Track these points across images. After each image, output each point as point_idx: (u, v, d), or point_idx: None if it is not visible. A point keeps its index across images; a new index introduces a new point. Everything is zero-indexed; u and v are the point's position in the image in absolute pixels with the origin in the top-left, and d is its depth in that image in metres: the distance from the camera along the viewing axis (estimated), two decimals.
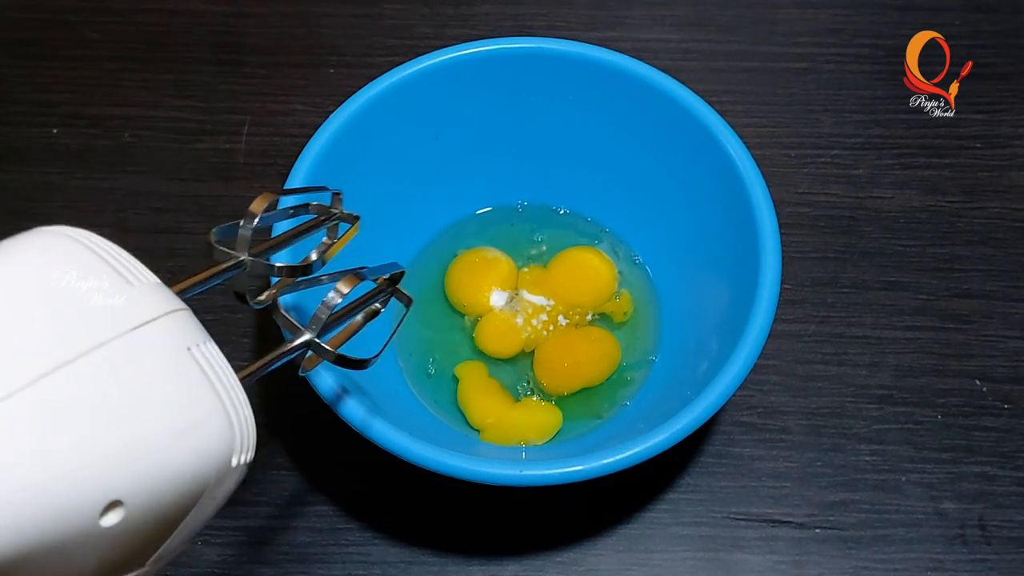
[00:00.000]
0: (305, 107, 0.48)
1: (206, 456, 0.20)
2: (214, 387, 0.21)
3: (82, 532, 0.18)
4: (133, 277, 0.20)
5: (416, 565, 0.37)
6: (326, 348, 0.26)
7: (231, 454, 0.21)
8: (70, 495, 0.18)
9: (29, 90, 0.49)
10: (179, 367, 0.20)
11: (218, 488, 0.21)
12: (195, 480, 0.20)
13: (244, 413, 0.21)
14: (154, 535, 0.20)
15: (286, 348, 0.25)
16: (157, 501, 0.19)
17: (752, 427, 0.39)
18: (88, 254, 0.20)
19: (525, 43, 0.39)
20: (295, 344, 0.25)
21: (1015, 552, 0.37)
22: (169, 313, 0.20)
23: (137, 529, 0.19)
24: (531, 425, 0.38)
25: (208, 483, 0.21)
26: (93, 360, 0.18)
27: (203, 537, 0.37)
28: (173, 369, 0.20)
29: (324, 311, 0.26)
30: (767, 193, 0.35)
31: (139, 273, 0.21)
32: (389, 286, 0.29)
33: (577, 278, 0.41)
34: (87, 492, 0.18)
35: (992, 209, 0.45)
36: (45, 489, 0.17)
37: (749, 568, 0.37)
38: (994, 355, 0.41)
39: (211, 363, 0.21)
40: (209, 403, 0.20)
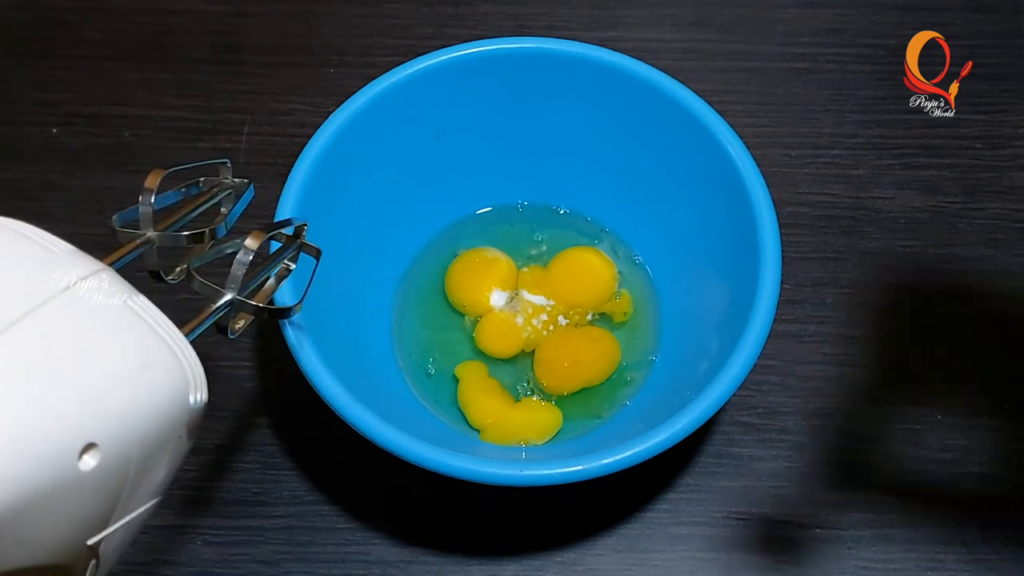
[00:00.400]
0: (305, 107, 0.48)
1: (165, 393, 0.22)
2: (156, 332, 0.22)
3: (63, 478, 0.19)
4: (55, 247, 0.22)
5: (416, 565, 0.37)
6: (249, 303, 0.27)
7: (187, 391, 0.22)
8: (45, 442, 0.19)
9: (29, 89, 0.49)
10: (120, 316, 0.22)
11: (182, 426, 0.23)
12: (160, 418, 0.22)
13: (188, 352, 0.23)
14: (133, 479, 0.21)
15: (212, 308, 0.26)
16: (129, 440, 0.21)
17: (752, 427, 0.39)
18: (10, 233, 0.22)
19: (525, 43, 0.39)
20: (220, 303, 0.26)
21: (1015, 552, 0.37)
22: (95, 273, 0.22)
23: (116, 471, 0.20)
24: (531, 425, 0.38)
25: (174, 420, 0.22)
26: (38, 318, 0.20)
27: (203, 537, 0.37)
28: (115, 318, 0.21)
29: (239, 268, 0.27)
30: (767, 193, 0.35)
31: (59, 244, 0.22)
32: (294, 242, 0.30)
33: (577, 278, 0.41)
34: (61, 437, 0.19)
35: (992, 210, 0.45)
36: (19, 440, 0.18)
37: (749, 568, 0.37)
38: (994, 355, 0.41)
39: (147, 311, 0.22)
40: (156, 344, 0.22)
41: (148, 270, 0.28)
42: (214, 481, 0.38)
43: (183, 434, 0.23)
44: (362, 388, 0.33)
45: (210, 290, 0.26)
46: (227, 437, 0.39)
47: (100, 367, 0.20)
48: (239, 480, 0.38)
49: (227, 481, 0.38)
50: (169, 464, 0.23)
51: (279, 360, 0.39)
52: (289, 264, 0.30)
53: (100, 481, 0.20)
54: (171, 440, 0.22)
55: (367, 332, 0.39)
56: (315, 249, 0.30)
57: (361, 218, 0.39)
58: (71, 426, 0.19)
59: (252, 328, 0.42)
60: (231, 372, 0.41)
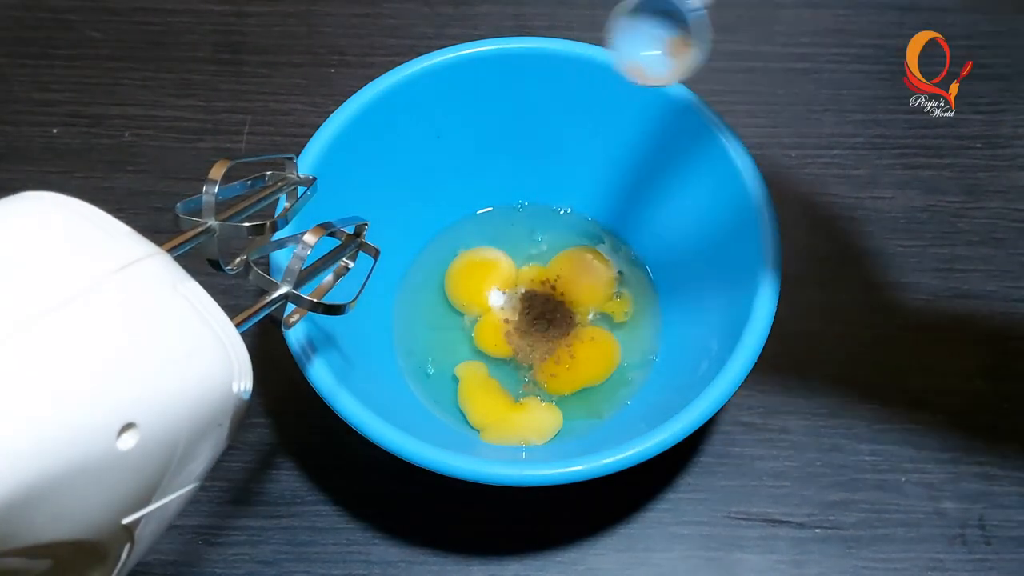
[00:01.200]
0: (305, 107, 0.48)
1: (208, 379, 0.22)
2: (204, 318, 0.22)
3: (102, 456, 0.19)
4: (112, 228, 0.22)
5: (416, 565, 0.37)
6: (303, 297, 0.27)
7: (231, 379, 0.22)
8: (84, 418, 0.19)
9: (30, 89, 0.49)
10: (168, 301, 0.22)
11: (224, 415, 0.23)
12: (202, 405, 0.22)
13: (235, 340, 0.23)
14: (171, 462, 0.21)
15: (266, 300, 0.26)
16: (168, 424, 0.21)
17: (752, 427, 0.39)
18: (69, 213, 0.22)
19: (525, 43, 0.39)
20: (274, 296, 0.26)
21: (1015, 552, 0.37)
22: (149, 256, 0.22)
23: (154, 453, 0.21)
24: (531, 425, 0.38)
25: (214, 408, 0.22)
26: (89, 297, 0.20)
27: (203, 537, 0.37)
28: (163, 302, 0.22)
29: (296, 262, 0.27)
30: (767, 193, 0.35)
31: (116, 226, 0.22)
32: (354, 240, 0.30)
33: (577, 278, 0.41)
34: (100, 415, 0.19)
35: (993, 209, 0.45)
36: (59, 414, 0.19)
37: (749, 568, 0.37)
38: (994, 355, 0.41)
39: (198, 298, 0.22)
40: (202, 331, 0.22)
41: (207, 258, 0.28)
42: (214, 481, 0.38)
43: (224, 423, 0.23)
44: (362, 388, 0.33)
45: (266, 282, 0.27)
46: None
47: (145, 350, 0.21)
48: (239, 480, 0.38)
49: (227, 481, 0.38)
50: (209, 452, 0.23)
51: (279, 360, 0.39)
52: (347, 262, 0.30)
53: (138, 461, 0.20)
54: (212, 427, 0.22)
55: (367, 332, 0.39)
56: (374, 249, 0.31)
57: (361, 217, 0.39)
58: (112, 405, 0.20)
59: (252, 328, 0.41)
60: None
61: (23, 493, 0.18)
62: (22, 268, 0.20)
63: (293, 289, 0.27)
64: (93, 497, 0.20)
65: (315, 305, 0.27)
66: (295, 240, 0.28)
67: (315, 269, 0.29)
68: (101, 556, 0.22)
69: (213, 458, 0.24)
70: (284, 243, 0.30)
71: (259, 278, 0.27)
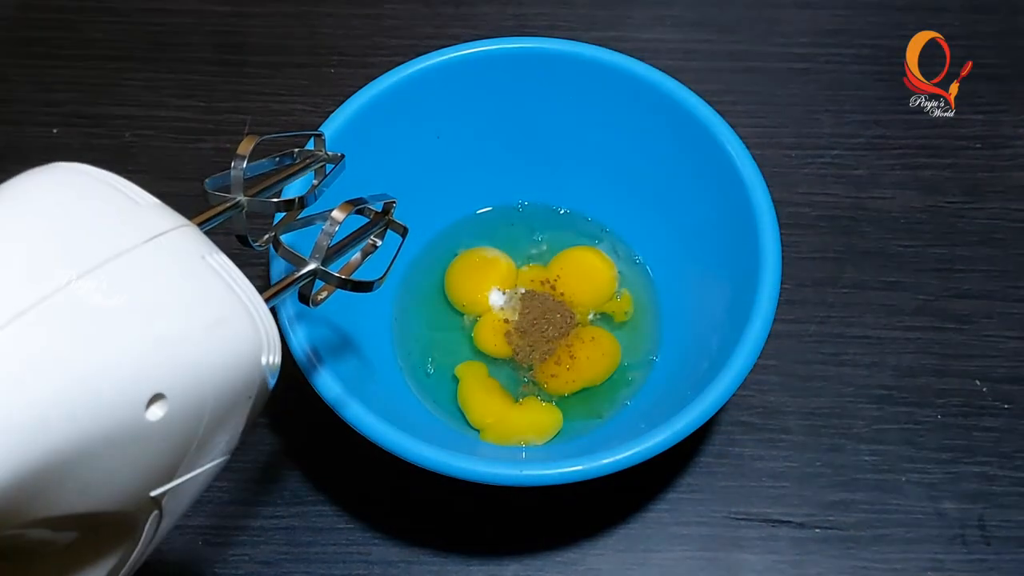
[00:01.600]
0: (306, 107, 0.48)
1: (236, 350, 0.22)
2: (232, 289, 0.22)
3: (129, 425, 0.19)
4: (142, 199, 0.22)
5: (416, 565, 0.37)
6: (332, 274, 0.27)
7: (259, 351, 0.22)
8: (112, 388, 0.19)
9: (31, 89, 0.49)
10: (197, 271, 0.21)
11: (252, 387, 0.22)
12: (230, 376, 0.21)
13: (264, 313, 0.23)
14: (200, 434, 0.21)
15: (295, 276, 0.26)
16: (197, 395, 0.21)
17: (752, 427, 0.39)
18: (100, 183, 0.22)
19: (525, 43, 0.39)
20: (303, 272, 0.26)
21: (1015, 552, 0.37)
22: (178, 227, 0.22)
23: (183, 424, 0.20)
24: (531, 425, 0.38)
25: (243, 380, 0.22)
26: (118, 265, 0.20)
27: (203, 537, 0.37)
28: (192, 272, 0.21)
29: (324, 238, 0.27)
30: (767, 193, 0.35)
31: (145, 197, 0.22)
32: (382, 218, 0.30)
33: (577, 278, 0.41)
34: (129, 384, 0.19)
35: (992, 209, 0.45)
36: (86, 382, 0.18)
37: (749, 568, 0.37)
38: (994, 355, 0.41)
39: (226, 269, 0.22)
40: (230, 301, 0.22)
41: (235, 234, 0.28)
42: (214, 481, 0.38)
43: (252, 394, 0.23)
44: (362, 388, 0.33)
45: (295, 259, 0.27)
46: None
47: (173, 319, 0.20)
48: (239, 480, 0.38)
49: (227, 481, 0.38)
50: (237, 425, 0.23)
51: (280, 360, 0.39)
52: (376, 241, 0.30)
53: (166, 433, 0.20)
54: (240, 400, 0.22)
55: (367, 332, 0.39)
56: (402, 227, 0.30)
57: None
58: (140, 374, 0.19)
59: None
60: None
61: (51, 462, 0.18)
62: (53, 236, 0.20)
63: (321, 266, 0.27)
64: (122, 468, 0.20)
65: (343, 282, 0.27)
66: (323, 217, 0.28)
67: (343, 246, 0.28)
68: (130, 528, 0.22)
69: (241, 432, 0.24)
70: (312, 220, 0.30)
71: (288, 254, 0.27)
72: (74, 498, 0.19)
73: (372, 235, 0.30)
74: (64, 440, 0.18)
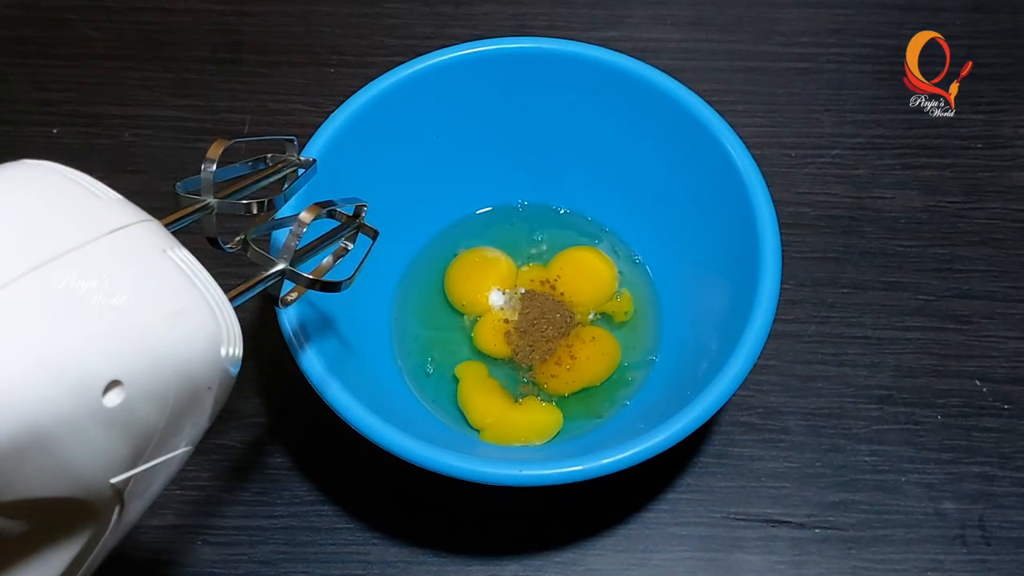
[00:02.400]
0: (305, 107, 0.48)
1: (195, 341, 0.22)
2: (193, 282, 0.23)
3: (86, 410, 0.20)
4: (103, 195, 0.23)
5: (416, 565, 0.37)
6: (300, 274, 0.27)
7: (219, 343, 0.23)
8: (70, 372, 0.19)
9: (29, 89, 0.49)
10: (157, 264, 0.22)
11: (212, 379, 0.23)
12: (189, 365, 0.22)
13: (225, 307, 0.23)
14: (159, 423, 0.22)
15: (262, 276, 0.27)
16: (155, 384, 0.21)
17: (752, 427, 0.39)
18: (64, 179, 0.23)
19: (525, 43, 0.39)
20: (271, 272, 0.27)
21: (1015, 552, 0.37)
22: (140, 222, 0.22)
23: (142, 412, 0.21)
24: (531, 425, 0.38)
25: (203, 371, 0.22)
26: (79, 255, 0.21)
27: (203, 537, 0.37)
28: (152, 265, 0.22)
29: (292, 239, 0.27)
30: (767, 193, 0.35)
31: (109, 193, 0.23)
32: (353, 222, 0.30)
33: (577, 278, 0.41)
34: (86, 370, 0.20)
35: (993, 209, 0.45)
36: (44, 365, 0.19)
37: (748, 568, 0.37)
38: (994, 356, 0.41)
39: (187, 263, 0.23)
40: (190, 294, 0.22)
41: (207, 236, 0.28)
42: (214, 481, 0.38)
43: (213, 386, 0.23)
44: (362, 388, 0.33)
45: (264, 259, 0.27)
46: (227, 437, 0.39)
47: (132, 308, 0.21)
48: (239, 480, 0.38)
49: (227, 481, 0.38)
50: (198, 415, 0.23)
51: (279, 360, 0.39)
52: (347, 244, 0.31)
53: (124, 419, 0.21)
54: (200, 391, 0.23)
55: (367, 332, 0.39)
56: (372, 230, 0.31)
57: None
58: (97, 360, 0.20)
59: (252, 328, 0.42)
60: None
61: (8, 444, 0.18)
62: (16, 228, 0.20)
63: (290, 266, 0.27)
64: (80, 453, 0.20)
65: (312, 282, 0.28)
66: (294, 220, 0.28)
67: (313, 249, 0.29)
68: (90, 516, 0.22)
69: (203, 422, 0.24)
70: (284, 223, 0.30)
71: (257, 255, 0.27)
72: (32, 482, 0.20)
73: (343, 238, 0.30)
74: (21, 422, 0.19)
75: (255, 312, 0.42)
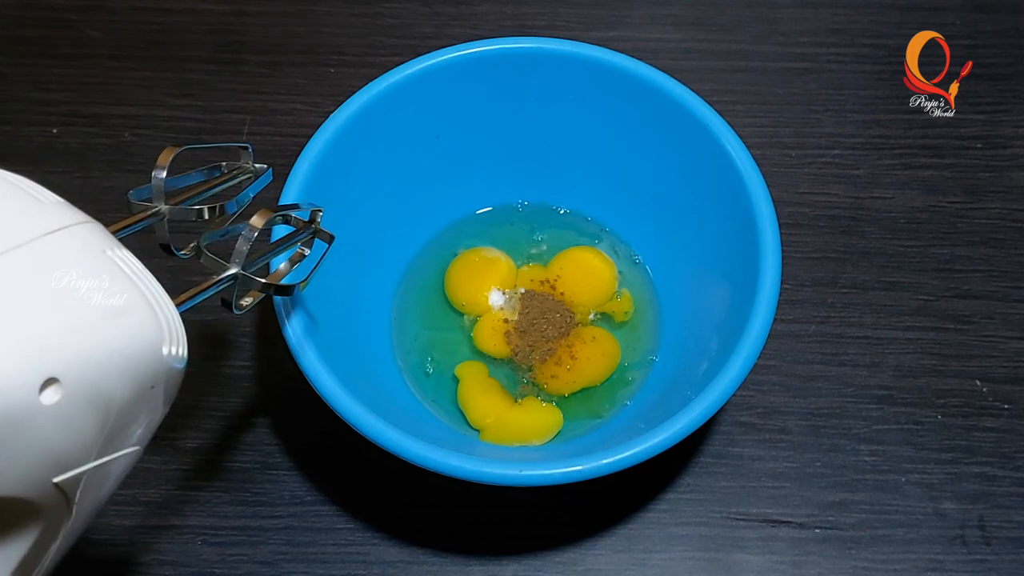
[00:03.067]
0: (305, 107, 0.48)
1: (136, 340, 0.22)
2: (133, 282, 0.23)
3: (25, 409, 0.20)
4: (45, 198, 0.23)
5: (416, 565, 0.37)
6: (253, 277, 0.28)
7: (160, 342, 0.23)
8: (5, 369, 0.20)
9: (29, 89, 0.49)
10: (97, 264, 0.22)
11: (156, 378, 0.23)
12: (129, 364, 0.22)
13: (167, 306, 0.24)
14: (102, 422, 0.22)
15: (214, 280, 0.27)
16: (94, 382, 0.21)
17: (752, 427, 0.39)
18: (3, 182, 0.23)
19: (525, 43, 0.39)
20: (223, 276, 0.27)
21: (1015, 553, 0.37)
22: (81, 223, 0.23)
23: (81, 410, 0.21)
24: (531, 425, 0.38)
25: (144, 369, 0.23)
26: (17, 255, 0.21)
27: (202, 537, 0.37)
28: (92, 265, 0.22)
29: (244, 243, 0.27)
30: (767, 193, 0.35)
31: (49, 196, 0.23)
32: (309, 227, 0.30)
33: (577, 278, 0.41)
34: (21, 367, 0.20)
35: (993, 210, 0.45)
36: None
37: (748, 568, 0.37)
38: (994, 356, 0.41)
39: (128, 263, 0.23)
40: (131, 293, 0.23)
41: (159, 243, 0.28)
42: (214, 481, 0.38)
43: (158, 386, 0.23)
44: (362, 388, 0.33)
45: (216, 264, 0.27)
46: (227, 437, 0.39)
47: (68, 307, 0.21)
48: (239, 480, 0.38)
49: (227, 481, 0.38)
50: (145, 415, 0.24)
51: (279, 360, 0.39)
52: (304, 250, 0.31)
53: (63, 417, 0.21)
54: (144, 390, 0.23)
55: (367, 332, 0.39)
56: (328, 235, 0.31)
57: (361, 218, 0.39)
58: (33, 358, 0.20)
59: (252, 328, 0.42)
60: (231, 372, 0.41)
61: None
62: None
63: (242, 270, 0.27)
64: (19, 451, 0.20)
65: (266, 285, 0.28)
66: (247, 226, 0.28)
67: (267, 253, 0.29)
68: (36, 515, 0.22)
69: (150, 423, 0.24)
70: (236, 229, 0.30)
71: (210, 261, 0.27)
72: None
73: (300, 243, 0.31)
74: None
75: (255, 312, 0.42)
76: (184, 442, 0.39)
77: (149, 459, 0.38)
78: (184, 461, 0.39)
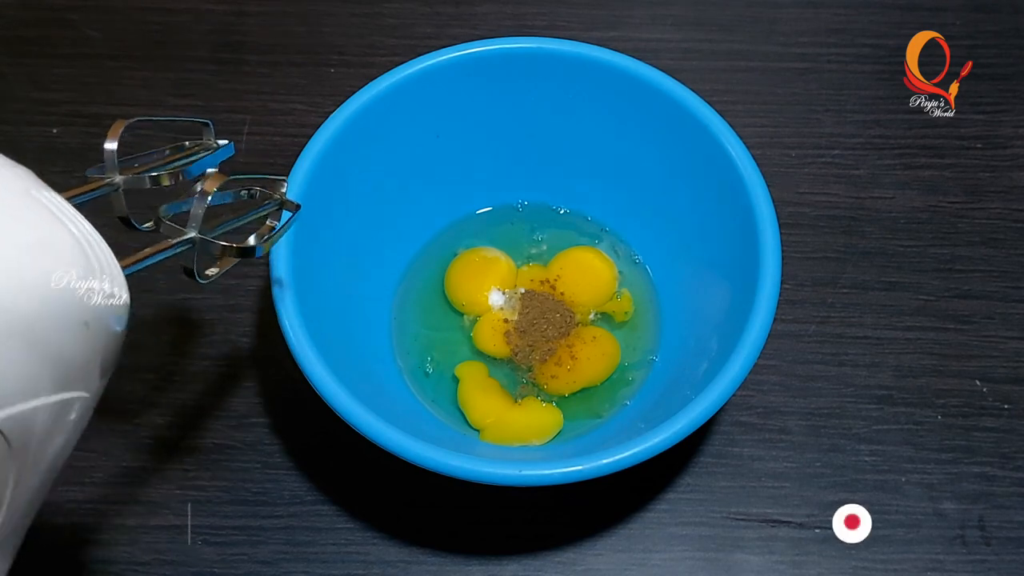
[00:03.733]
0: (305, 107, 0.48)
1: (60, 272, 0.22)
2: (57, 216, 0.23)
3: None
4: None
5: (416, 565, 0.37)
6: (212, 240, 0.27)
7: (89, 275, 0.23)
8: None
9: (29, 88, 0.49)
10: (19, 201, 0.22)
11: (88, 312, 0.23)
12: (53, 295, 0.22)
13: (95, 240, 0.23)
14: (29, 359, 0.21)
15: (170, 243, 0.27)
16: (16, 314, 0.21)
17: (752, 427, 0.39)
18: None
19: (525, 43, 0.39)
20: (180, 240, 0.27)
21: (1015, 553, 0.37)
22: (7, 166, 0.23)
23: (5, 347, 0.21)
24: (531, 425, 0.38)
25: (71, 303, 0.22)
26: None
27: (202, 536, 0.37)
28: (12, 201, 0.22)
29: (199, 207, 0.27)
30: (767, 193, 0.35)
31: None
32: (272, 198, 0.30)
33: (577, 278, 0.41)
34: None
35: (993, 210, 0.45)
36: None
37: (748, 568, 0.37)
38: (994, 356, 0.41)
39: (55, 203, 0.23)
40: (53, 226, 0.22)
41: (117, 216, 0.28)
42: (214, 481, 0.38)
43: (90, 321, 0.23)
44: (362, 388, 0.33)
45: (174, 231, 0.27)
46: (227, 437, 0.39)
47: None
48: (239, 480, 0.38)
49: (227, 481, 0.38)
50: (82, 354, 0.23)
51: (279, 360, 0.39)
52: (272, 222, 0.31)
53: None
54: (76, 325, 0.23)
55: (367, 332, 0.39)
56: (294, 204, 0.31)
57: (361, 218, 0.39)
58: None
59: (252, 328, 0.42)
60: (231, 372, 0.41)
61: None
62: None
63: (199, 234, 0.27)
64: None
65: (226, 248, 0.28)
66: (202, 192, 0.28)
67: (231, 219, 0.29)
68: None
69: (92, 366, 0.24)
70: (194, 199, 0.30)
71: (168, 228, 0.27)
72: None
73: (268, 216, 0.30)
74: None
75: (255, 312, 0.42)
76: (184, 442, 0.39)
77: (149, 459, 0.38)
78: (184, 461, 0.39)
